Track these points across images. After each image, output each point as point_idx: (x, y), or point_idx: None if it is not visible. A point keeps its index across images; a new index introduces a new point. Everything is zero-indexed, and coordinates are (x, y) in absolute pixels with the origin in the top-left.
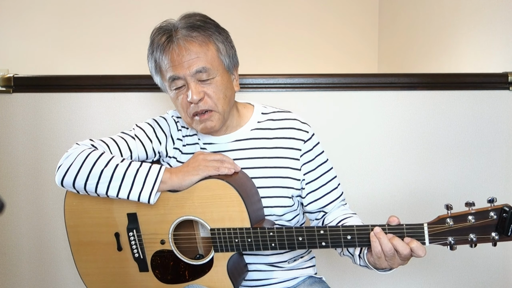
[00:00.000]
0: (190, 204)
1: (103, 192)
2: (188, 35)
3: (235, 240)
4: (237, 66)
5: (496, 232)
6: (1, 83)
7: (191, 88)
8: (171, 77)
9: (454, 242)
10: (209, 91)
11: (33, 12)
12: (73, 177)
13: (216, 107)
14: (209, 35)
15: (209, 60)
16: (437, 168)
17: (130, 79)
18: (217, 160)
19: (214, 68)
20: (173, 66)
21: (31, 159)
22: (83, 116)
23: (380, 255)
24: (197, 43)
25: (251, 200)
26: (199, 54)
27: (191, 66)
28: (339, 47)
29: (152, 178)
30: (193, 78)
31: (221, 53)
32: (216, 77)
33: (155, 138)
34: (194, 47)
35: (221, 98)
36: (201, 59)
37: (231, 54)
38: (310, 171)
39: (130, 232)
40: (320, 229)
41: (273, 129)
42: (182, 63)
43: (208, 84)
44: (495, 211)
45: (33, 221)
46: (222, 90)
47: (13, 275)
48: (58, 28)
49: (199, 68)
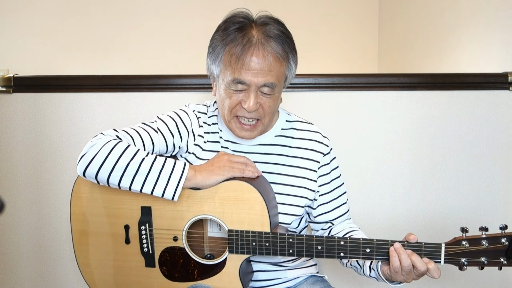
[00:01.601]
0: (210, 203)
1: (126, 186)
2: (270, 45)
3: (252, 244)
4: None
5: (505, 257)
6: (1, 83)
7: (252, 98)
8: (237, 79)
9: (467, 263)
10: (265, 104)
11: (33, 12)
12: (97, 168)
13: (264, 118)
14: (289, 53)
15: (279, 77)
16: (437, 167)
17: (130, 79)
18: (242, 162)
19: (279, 85)
20: (244, 70)
21: (31, 159)
22: (83, 116)
23: (398, 270)
24: (276, 58)
25: (270, 205)
26: (273, 68)
27: (261, 78)
28: (339, 47)
29: (177, 175)
30: (256, 89)
31: (291, 72)
32: (276, 94)
33: (177, 133)
34: (271, 60)
35: (272, 113)
36: (273, 75)
37: (293, 75)
38: (325, 183)
39: (142, 226)
40: (341, 240)
41: (296, 138)
42: (254, 71)
43: (267, 98)
44: (506, 238)
45: (33, 221)
46: (275, 106)
47: (13, 275)
48: (58, 28)
49: (268, 83)
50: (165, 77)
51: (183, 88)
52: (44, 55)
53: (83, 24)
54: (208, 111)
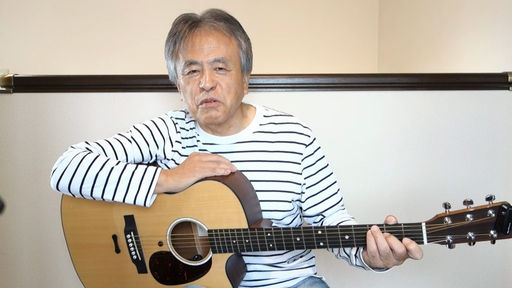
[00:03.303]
0: (187, 206)
1: (99, 196)
2: (214, 23)
3: (233, 241)
4: (249, 71)
5: (494, 230)
6: (1, 83)
7: (206, 75)
8: (188, 60)
9: (453, 241)
10: (222, 82)
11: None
12: (68, 181)
13: (225, 99)
14: (234, 29)
15: (229, 53)
16: (437, 168)
17: (130, 79)
18: (213, 161)
19: (232, 61)
20: (193, 51)
21: (31, 159)
22: (83, 116)
23: (374, 254)
24: (222, 33)
25: (248, 201)
26: (221, 44)
27: (211, 53)
28: (339, 47)
29: (147, 181)
30: (209, 66)
31: (242, 50)
32: (231, 70)
33: (152, 141)
34: (218, 36)
35: (232, 93)
36: (222, 50)
37: (249, 56)
38: (311, 175)
39: (128, 234)
40: (318, 229)
41: (275, 132)
42: (203, 49)
43: (223, 75)
44: (493, 209)
45: (33, 221)
46: (234, 85)
47: (13, 275)
48: (58, 28)
49: (219, 57)
50: (165, 77)
51: None
52: (44, 55)
53: (83, 24)
54: (186, 117)
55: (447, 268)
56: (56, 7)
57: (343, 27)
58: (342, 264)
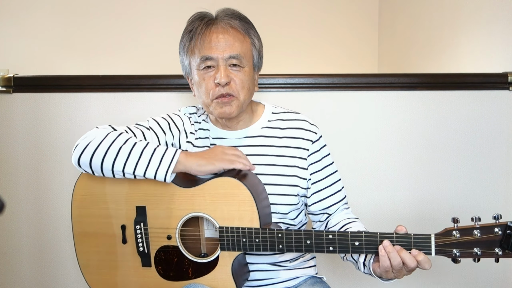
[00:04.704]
0: (201, 201)
1: (120, 168)
2: (230, 21)
3: (243, 240)
4: (260, 69)
5: (500, 248)
6: (1, 83)
7: (221, 70)
8: (204, 56)
9: (459, 254)
10: (236, 78)
11: (33, 12)
12: (91, 154)
13: (239, 94)
14: (248, 28)
15: (244, 50)
16: (437, 168)
17: (130, 79)
18: (234, 154)
19: (246, 58)
20: (209, 47)
21: (31, 159)
22: (83, 116)
23: (388, 269)
24: (237, 31)
25: (260, 200)
26: (236, 41)
27: (227, 50)
28: (339, 47)
29: (169, 157)
30: (224, 62)
31: (255, 48)
32: (245, 67)
33: (168, 131)
34: (233, 33)
35: (245, 88)
36: (237, 47)
37: (261, 54)
38: (317, 171)
39: (137, 225)
40: (329, 234)
41: (283, 128)
42: (218, 45)
43: (237, 71)
44: (499, 227)
45: (33, 221)
46: (247, 81)
47: (13, 275)
48: (58, 28)
49: (234, 54)
50: (165, 77)
51: (183, 88)
52: (44, 55)
53: (83, 24)
54: (198, 111)
55: (447, 267)
56: (56, 7)
57: (343, 27)
58: (342, 264)
